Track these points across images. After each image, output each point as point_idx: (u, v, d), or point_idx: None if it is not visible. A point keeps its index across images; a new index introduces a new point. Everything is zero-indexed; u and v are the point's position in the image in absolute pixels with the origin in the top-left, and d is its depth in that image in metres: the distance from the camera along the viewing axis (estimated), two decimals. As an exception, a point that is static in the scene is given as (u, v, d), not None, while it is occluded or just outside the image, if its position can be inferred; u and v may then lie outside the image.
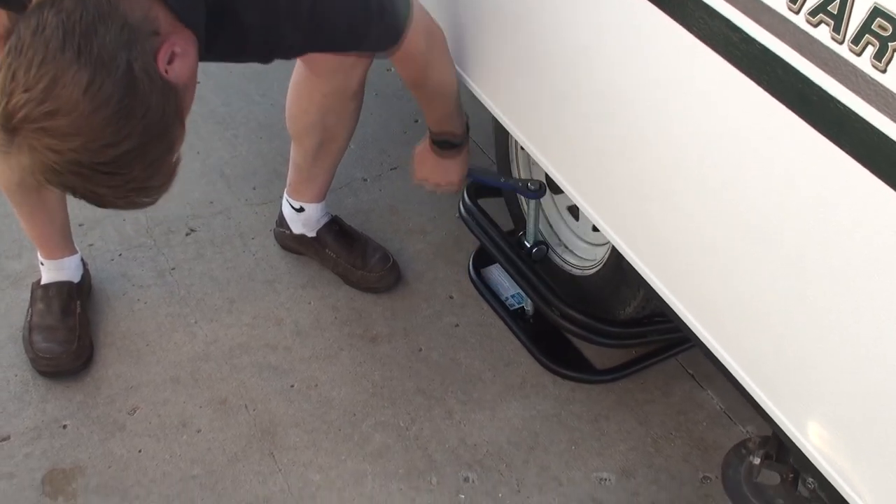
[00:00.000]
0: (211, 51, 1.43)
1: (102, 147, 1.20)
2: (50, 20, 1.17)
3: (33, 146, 1.20)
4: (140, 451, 2.01)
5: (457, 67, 1.90)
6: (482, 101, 1.94)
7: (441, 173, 2.08)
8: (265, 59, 1.69)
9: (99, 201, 1.29)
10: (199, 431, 2.05)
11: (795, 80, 1.15)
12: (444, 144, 2.02)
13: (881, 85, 1.05)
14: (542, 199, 2.13)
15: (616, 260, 1.96)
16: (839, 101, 1.11)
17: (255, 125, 2.84)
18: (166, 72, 1.28)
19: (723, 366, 1.49)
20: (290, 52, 1.66)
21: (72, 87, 1.17)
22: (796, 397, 1.36)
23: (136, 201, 1.30)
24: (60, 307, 2.17)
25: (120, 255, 2.44)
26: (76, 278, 2.23)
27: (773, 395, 1.40)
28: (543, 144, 1.79)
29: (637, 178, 1.54)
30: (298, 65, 2.12)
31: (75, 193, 1.27)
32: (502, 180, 2.20)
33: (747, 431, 2.08)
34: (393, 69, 2.98)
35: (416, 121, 2.89)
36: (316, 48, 1.65)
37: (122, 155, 1.21)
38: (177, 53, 1.28)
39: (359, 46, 1.70)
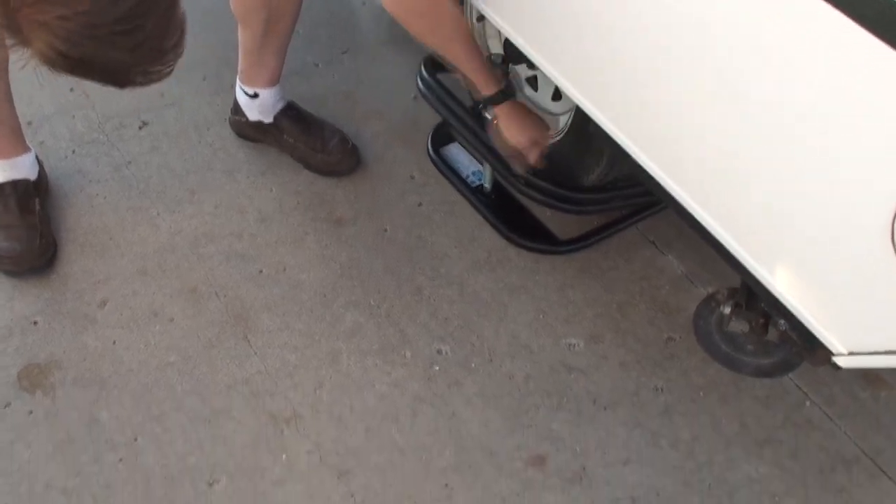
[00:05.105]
0: None
1: (112, 1, 1.16)
2: None
3: (42, 22, 1.14)
4: (114, 343, 2.01)
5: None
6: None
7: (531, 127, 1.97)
8: None
9: (119, 72, 1.25)
10: (171, 320, 2.06)
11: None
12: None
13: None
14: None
15: (577, 128, 1.97)
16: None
17: (199, 14, 2.76)
18: None
19: (695, 220, 1.51)
20: None
21: None
22: (768, 243, 1.40)
23: (154, 70, 1.26)
24: (18, 205, 2.13)
25: (73, 151, 2.39)
26: (33, 176, 2.20)
27: (745, 242, 1.43)
28: (502, 8, 1.77)
29: (606, 36, 1.53)
30: (239, -56, 2.07)
31: (93, 70, 1.22)
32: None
33: (708, 292, 2.14)
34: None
35: (364, 3, 2.84)
36: None
37: (135, 6, 1.17)
38: None
39: None
